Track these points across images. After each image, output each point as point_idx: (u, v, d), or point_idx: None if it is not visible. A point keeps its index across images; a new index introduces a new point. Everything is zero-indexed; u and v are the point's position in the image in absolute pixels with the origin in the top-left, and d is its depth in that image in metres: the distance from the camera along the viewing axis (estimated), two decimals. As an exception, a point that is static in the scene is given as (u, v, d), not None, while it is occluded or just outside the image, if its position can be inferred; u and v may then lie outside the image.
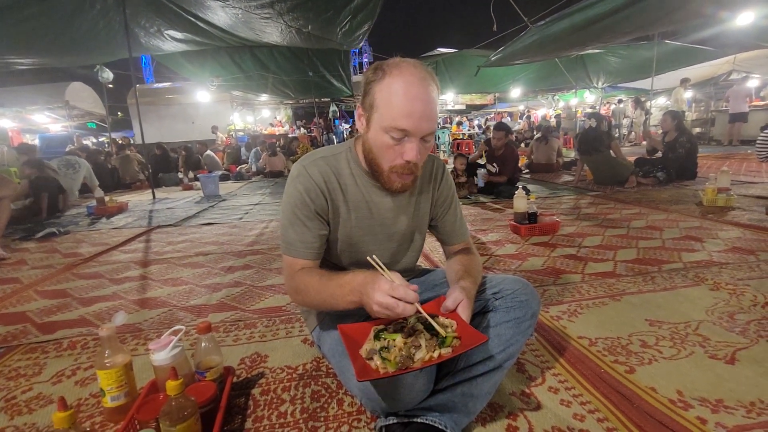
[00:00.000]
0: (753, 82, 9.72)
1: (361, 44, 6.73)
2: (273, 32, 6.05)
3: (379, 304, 0.80)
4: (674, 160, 4.63)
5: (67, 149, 8.31)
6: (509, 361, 1.00)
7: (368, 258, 0.86)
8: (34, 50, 5.56)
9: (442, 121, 14.19)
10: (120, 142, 9.45)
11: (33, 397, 1.17)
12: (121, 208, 4.58)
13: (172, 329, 1.06)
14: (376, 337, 0.90)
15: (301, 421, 1.02)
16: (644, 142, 8.66)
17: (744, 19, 5.41)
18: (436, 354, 0.83)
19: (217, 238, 3.08)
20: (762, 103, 9.24)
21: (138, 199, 5.52)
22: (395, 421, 0.90)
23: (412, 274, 1.24)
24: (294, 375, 1.22)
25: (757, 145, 6.11)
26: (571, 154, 7.63)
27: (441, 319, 0.91)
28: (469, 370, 0.96)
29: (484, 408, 0.98)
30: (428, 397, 0.92)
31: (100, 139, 14.06)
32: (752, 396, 1.03)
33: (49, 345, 1.49)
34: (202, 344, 1.06)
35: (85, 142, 10.73)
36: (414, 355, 0.82)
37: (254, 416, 1.04)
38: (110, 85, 9.17)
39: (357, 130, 1.03)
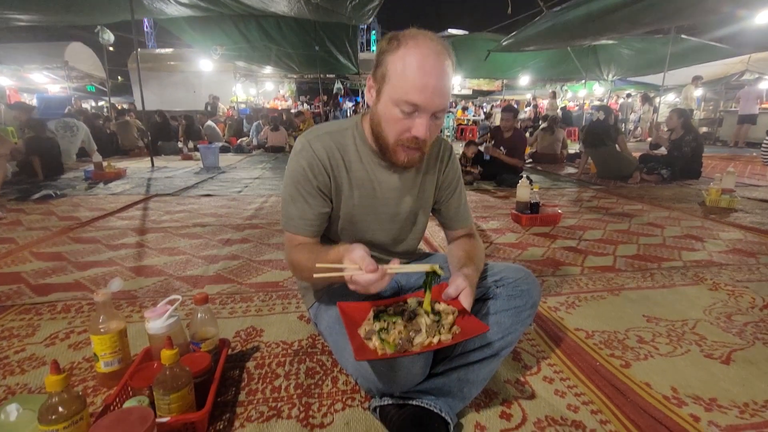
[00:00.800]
0: (765, 84, 9.57)
1: (370, 20, 6.56)
2: (280, 1, 5.87)
3: (351, 288, 0.78)
4: (679, 159, 4.59)
5: (66, 111, 8.18)
6: (507, 349, 0.99)
7: (316, 266, 0.81)
8: (33, 6, 5.38)
9: (448, 105, 13.97)
10: (126, 108, 9.27)
11: (26, 358, 1.17)
12: (119, 174, 4.52)
13: (168, 298, 1.04)
14: (376, 317, 0.88)
15: (294, 396, 1.01)
16: (649, 139, 8.58)
17: (763, 18, 5.28)
18: (435, 339, 0.81)
19: (215, 210, 3.06)
20: (773, 105, 9.14)
21: (136, 166, 5.45)
22: (390, 402, 0.89)
23: (413, 256, 1.22)
24: (289, 351, 1.21)
25: (763, 149, 6.06)
26: (575, 147, 7.57)
27: (442, 305, 0.89)
28: (467, 356, 0.96)
29: (479, 394, 0.98)
30: (424, 381, 0.92)
31: (100, 104, 13.81)
32: (746, 397, 1.03)
33: (44, 307, 1.48)
34: (198, 315, 1.05)
35: (84, 105, 10.55)
36: (413, 338, 0.81)
37: (248, 389, 1.04)
38: (111, 48, 8.96)
39: (364, 106, 0.99)
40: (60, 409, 0.76)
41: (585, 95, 12.55)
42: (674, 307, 1.52)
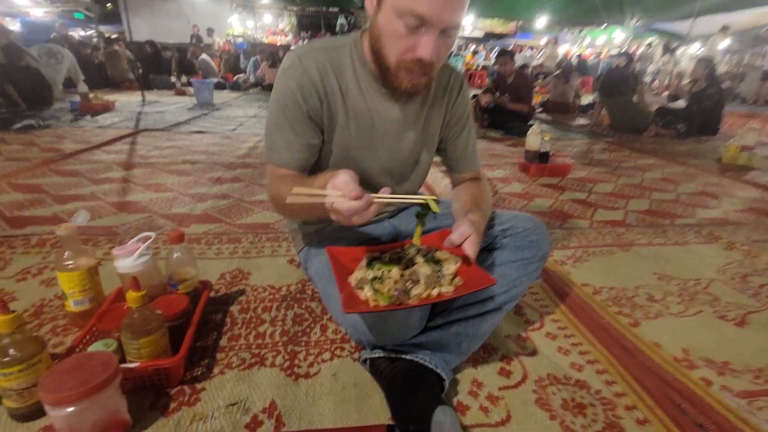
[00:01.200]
0: (797, 37, 8.93)
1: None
2: None
3: (334, 219, 0.67)
4: (699, 113, 4.34)
5: (52, 36, 7.67)
6: (510, 303, 0.91)
7: (292, 191, 0.67)
8: None
9: (456, 48, 13.14)
10: (114, 36, 8.67)
11: (-6, 293, 1.09)
12: (107, 107, 4.29)
13: (141, 235, 0.94)
14: (369, 265, 0.79)
15: (280, 344, 0.94)
16: (665, 93, 8.15)
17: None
18: (435, 292, 0.72)
19: (207, 147, 2.90)
20: (802, 62, 8.56)
21: (126, 100, 5.18)
22: (382, 355, 0.82)
23: (414, 200, 1.10)
24: (277, 296, 1.14)
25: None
26: (588, 98, 7.20)
27: (444, 253, 0.79)
28: (467, 309, 0.87)
29: (478, 349, 0.91)
30: (419, 334, 0.84)
31: (89, 32, 12.97)
32: (761, 362, 0.97)
33: (17, 240, 1.39)
34: (174, 254, 0.96)
35: (71, 33, 9.88)
36: (410, 290, 0.72)
37: (231, 334, 0.97)
38: (95, -33, 8.19)
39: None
40: (12, 351, 0.68)
41: (604, 42, 11.80)
42: (687, 266, 1.43)
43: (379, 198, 0.65)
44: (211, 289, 1.10)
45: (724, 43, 8.86)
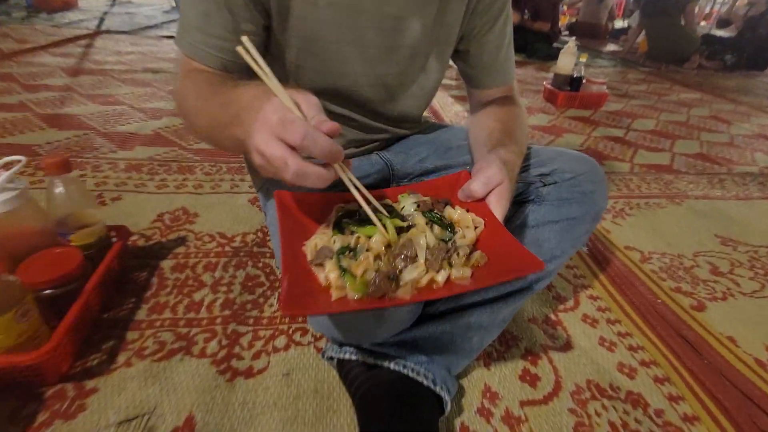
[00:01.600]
0: None
1: None
2: None
3: (257, 152, 0.36)
4: (751, 42, 3.78)
5: None
6: (545, 280, 0.64)
7: (241, 43, 0.38)
8: None
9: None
10: None
11: None
12: (68, 4, 3.69)
13: (4, 159, 0.63)
14: (338, 226, 0.48)
15: (218, 320, 0.68)
16: (703, 23, 7.26)
17: None
18: (441, 276, 0.43)
19: (176, 55, 2.44)
20: None
21: (95, -1, 4.50)
22: (354, 357, 0.56)
23: (414, 127, 0.77)
24: (227, 248, 0.86)
25: None
26: (619, 23, 6.39)
27: (457, 210, 0.49)
28: (483, 290, 0.60)
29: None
30: (411, 327, 0.57)
31: None
32: None
33: None
34: (57, 190, 0.65)
35: None
36: (401, 272, 0.42)
37: (154, 302, 0.70)
38: None
39: None
40: None
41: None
42: (755, 227, 1.14)
43: (343, 169, 0.40)
44: (128, 237, 0.81)
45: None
